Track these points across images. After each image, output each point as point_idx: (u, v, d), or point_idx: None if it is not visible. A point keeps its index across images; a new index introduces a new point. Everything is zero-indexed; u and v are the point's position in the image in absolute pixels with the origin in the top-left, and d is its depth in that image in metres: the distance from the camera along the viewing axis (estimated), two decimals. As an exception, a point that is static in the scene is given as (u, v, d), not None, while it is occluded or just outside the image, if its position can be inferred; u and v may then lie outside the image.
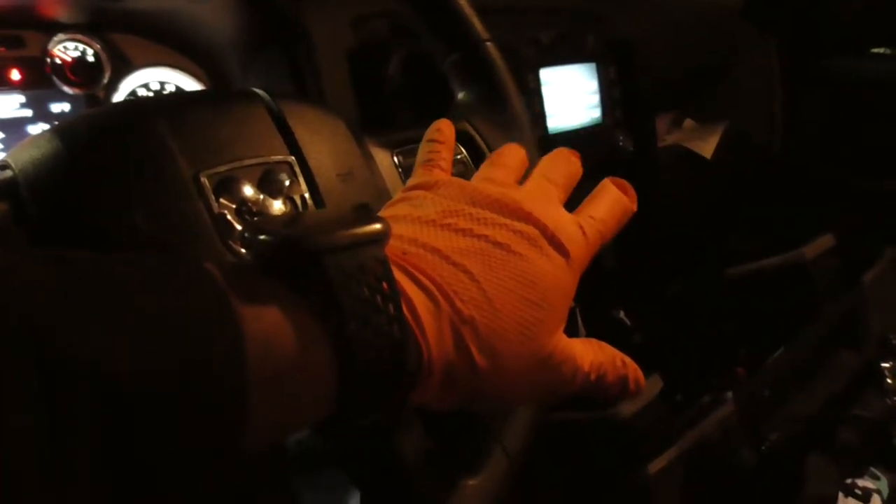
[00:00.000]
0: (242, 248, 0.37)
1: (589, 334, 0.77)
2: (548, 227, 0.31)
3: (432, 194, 0.33)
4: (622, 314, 1.15)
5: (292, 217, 0.27)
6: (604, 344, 0.35)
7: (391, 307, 0.26)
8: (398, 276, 0.27)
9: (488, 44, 0.53)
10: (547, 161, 0.37)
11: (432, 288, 0.28)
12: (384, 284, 0.26)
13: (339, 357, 0.25)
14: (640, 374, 0.36)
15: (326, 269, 0.25)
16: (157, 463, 0.21)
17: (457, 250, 0.30)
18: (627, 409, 0.62)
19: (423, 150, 0.39)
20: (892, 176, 1.45)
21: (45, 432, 0.18)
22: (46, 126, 0.80)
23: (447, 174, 0.37)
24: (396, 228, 0.30)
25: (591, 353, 0.34)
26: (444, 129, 0.40)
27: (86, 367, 0.19)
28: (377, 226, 0.27)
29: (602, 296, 1.13)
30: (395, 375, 0.26)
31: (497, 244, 0.30)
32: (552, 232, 0.31)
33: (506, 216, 0.31)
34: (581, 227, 0.33)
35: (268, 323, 0.23)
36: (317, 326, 0.25)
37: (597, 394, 0.34)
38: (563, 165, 0.37)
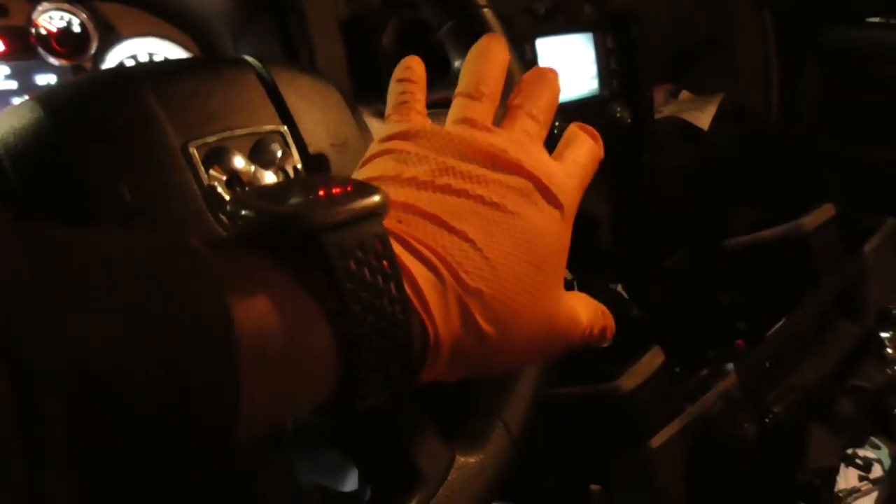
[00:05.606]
0: (229, 222, 0.35)
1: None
2: (540, 180, 0.31)
3: (417, 147, 0.31)
4: (620, 287, 1.15)
5: (282, 188, 0.25)
6: (588, 297, 0.35)
7: (393, 287, 0.24)
8: (398, 249, 0.26)
9: (485, 10, 0.52)
10: (527, 88, 0.35)
11: (434, 260, 0.27)
12: (385, 263, 0.24)
13: (339, 343, 0.23)
14: (612, 321, 0.36)
15: (324, 247, 0.23)
16: (146, 459, 0.19)
17: (455, 215, 0.28)
18: (629, 382, 0.61)
19: (394, 91, 0.36)
20: (890, 145, 1.45)
21: (20, 434, 0.17)
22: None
23: (423, 117, 0.35)
24: (390, 193, 0.28)
25: (585, 309, 0.33)
26: (414, 66, 0.37)
27: (65, 362, 0.18)
28: (376, 198, 0.25)
29: (599, 269, 1.13)
30: (401, 359, 0.25)
31: (493, 205, 0.29)
32: (545, 184, 0.31)
33: (497, 170, 0.30)
34: (567, 174, 0.33)
35: (260, 308, 0.22)
36: (314, 310, 0.23)
37: (588, 345, 0.34)
38: (545, 93, 0.35)
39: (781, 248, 0.91)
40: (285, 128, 0.41)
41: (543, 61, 1.00)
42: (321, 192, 0.25)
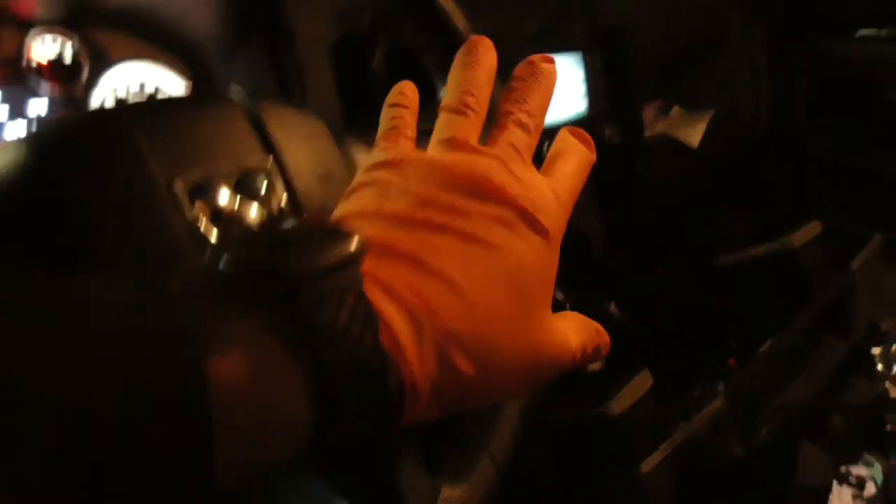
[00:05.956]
0: (209, 266, 0.36)
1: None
2: (524, 207, 0.30)
3: (399, 177, 0.31)
4: (613, 307, 1.15)
5: (262, 235, 0.25)
6: (577, 315, 0.34)
7: (369, 336, 0.24)
8: (374, 295, 0.26)
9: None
10: (517, 89, 0.34)
11: (411, 304, 0.27)
12: (360, 311, 0.24)
13: (315, 393, 0.23)
14: (608, 337, 0.35)
15: (298, 299, 0.23)
16: None
17: (434, 253, 0.28)
18: (618, 406, 0.61)
19: (385, 117, 0.36)
20: (881, 158, 1.46)
21: None
22: (23, 126, 0.79)
23: (412, 143, 0.35)
24: (368, 230, 0.28)
25: (576, 331, 0.33)
26: (406, 91, 0.37)
27: (42, 411, 0.18)
28: (352, 245, 0.25)
29: (592, 289, 1.13)
30: (378, 408, 0.25)
31: (474, 238, 0.29)
32: (529, 211, 0.30)
33: (479, 199, 0.30)
34: (555, 192, 0.32)
35: (235, 362, 0.22)
36: (289, 361, 0.23)
37: (582, 366, 0.34)
38: (536, 92, 0.34)
39: (770, 266, 0.91)
40: (271, 162, 0.41)
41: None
42: (298, 240, 0.25)
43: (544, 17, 1.06)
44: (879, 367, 0.90)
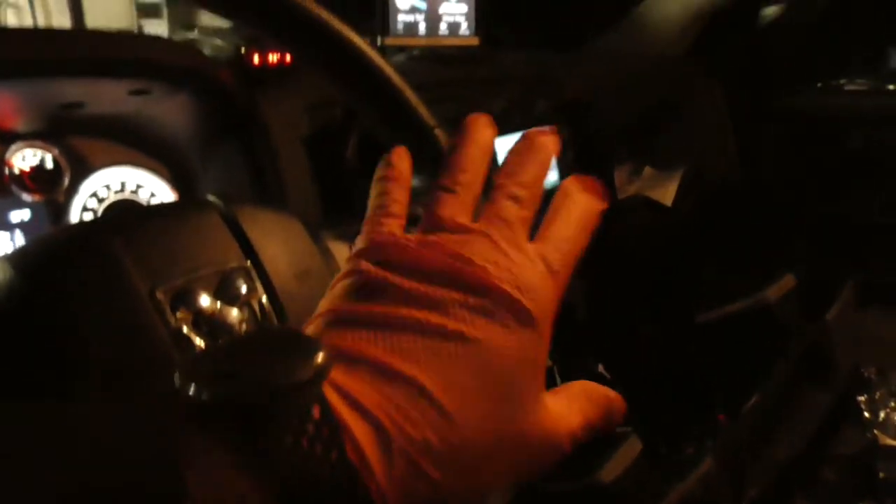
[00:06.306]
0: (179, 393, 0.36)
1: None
2: (508, 294, 0.28)
3: (379, 269, 0.30)
4: (601, 368, 1.16)
5: (226, 357, 0.25)
6: (588, 384, 0.32)
7: (334, 454, 0.24)
8: (341, 406, 0.25)
9: (437, 130, 0.54)
10: (511, 161, 0.33)
11: (379, 417, 0.26)
12: (325, 431, 0.24)
13: None
14: (622, 403, 0.33)
15: (260, 424, 0.23)
16: None
17: (408, 356, 0.27)
18: (609, 474, 0.62)
19: (372, 194, 0.34)
20: (847, 205, 1.50)
21: None
22: (6, 235, 0.80)
23: (400, 220, 0.33)
24: (338, 338, 0.28)
25: (579, 409, 0.31)
26: (396, 161, 0.35)
27: None
28: (319, 358, 0.24)
29: (579, 350, 1.14)
30: None
31: (453, 334, 0.27)
32: (514, 298, 0.28)
33: (460, 289, 0.28)
34: (548, 264, 0.30)
35: (205, 491, 0.22)
36: (255, 488, 0.23)
37: (591, 438, 0.31)
38: (531, 164, 0.33)
39: (749, 321, 0.93)
40: (249, 263, 0.43)
41: (502, 159, 1.04)
42: (261, 358, 0.25)
43: (509, 97, 1.10)
44: (866, 414, 0.91)
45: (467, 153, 0.33)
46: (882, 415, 0.90)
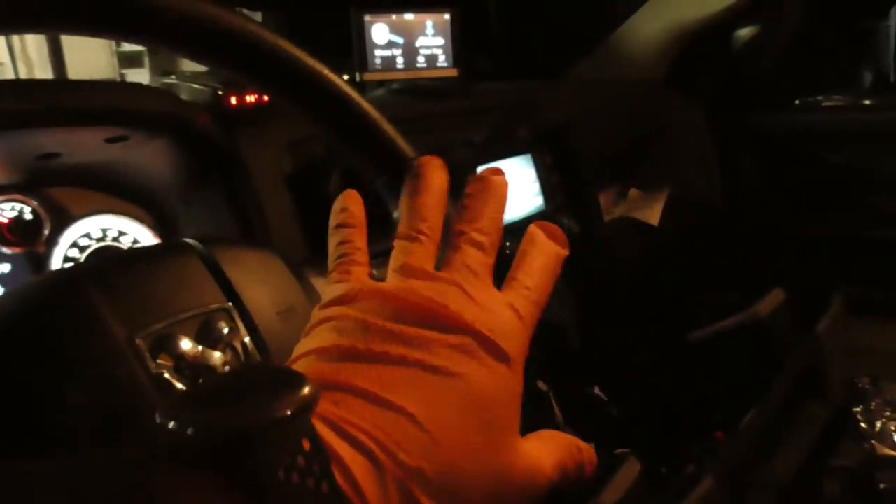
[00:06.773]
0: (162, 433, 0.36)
1: (565, 415, 0.75)
2: (482, 334, 0.29)
3: (355, 311, 0.30)
4: (597, 390, 1.15)
5: (210, 393, 0.25)
6: (557, 433, 0.33)
7: (325, 485, 0.24)
8: (331, 437, 0.25)
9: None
10: (468, 206, 0.33)
11: (370, 444, 0.26)
12: (315, 464, 0.24)
13: None
14: (593, 454, 0.34)
15: (249, 459, 0.23)
16: None
17: (393, 387, 0.27)
18: (610, 497, 0.61)
19: (332, 242, 0.34)
20: (831, 219, 1.51)
21: None
22: (-12, 290, 0.79)
23: (365, 268, 0.33)
24: (325, 368, 0.28)
25: (550, 453, 0.32)
26: (350, 205, 0.35)
27: None
28: (305, 390, 0.24)
29: (573, 375, 1.13)
30: None
31: (434, 369, 0.28)
32: (488, 338, 0.29)
33: (437, 329, 0.29)
34: (516, 311, 0.31)
35: None
36: None
37: (563, 486, 0.32)
38: (487, 207, 0.33)
39: (742, 337, 0.92)
40: (230, 304, 0.42)
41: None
42: (248, 393, 0.25)
43: (490, 125, 1.11)
44: (863, 425, 0.90)
45: (424, 202, 0.33)
46: (878, 425, 0.89)
